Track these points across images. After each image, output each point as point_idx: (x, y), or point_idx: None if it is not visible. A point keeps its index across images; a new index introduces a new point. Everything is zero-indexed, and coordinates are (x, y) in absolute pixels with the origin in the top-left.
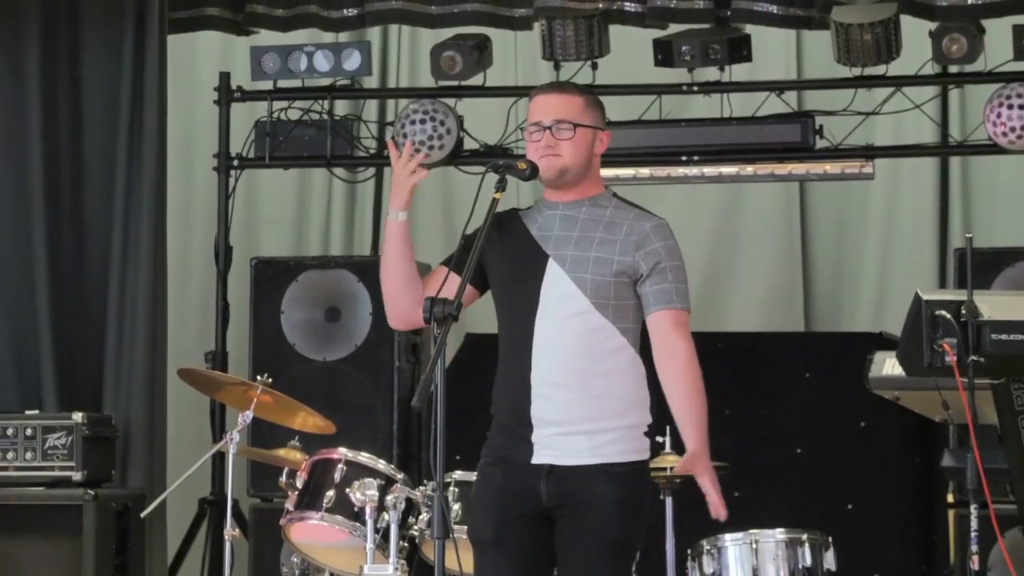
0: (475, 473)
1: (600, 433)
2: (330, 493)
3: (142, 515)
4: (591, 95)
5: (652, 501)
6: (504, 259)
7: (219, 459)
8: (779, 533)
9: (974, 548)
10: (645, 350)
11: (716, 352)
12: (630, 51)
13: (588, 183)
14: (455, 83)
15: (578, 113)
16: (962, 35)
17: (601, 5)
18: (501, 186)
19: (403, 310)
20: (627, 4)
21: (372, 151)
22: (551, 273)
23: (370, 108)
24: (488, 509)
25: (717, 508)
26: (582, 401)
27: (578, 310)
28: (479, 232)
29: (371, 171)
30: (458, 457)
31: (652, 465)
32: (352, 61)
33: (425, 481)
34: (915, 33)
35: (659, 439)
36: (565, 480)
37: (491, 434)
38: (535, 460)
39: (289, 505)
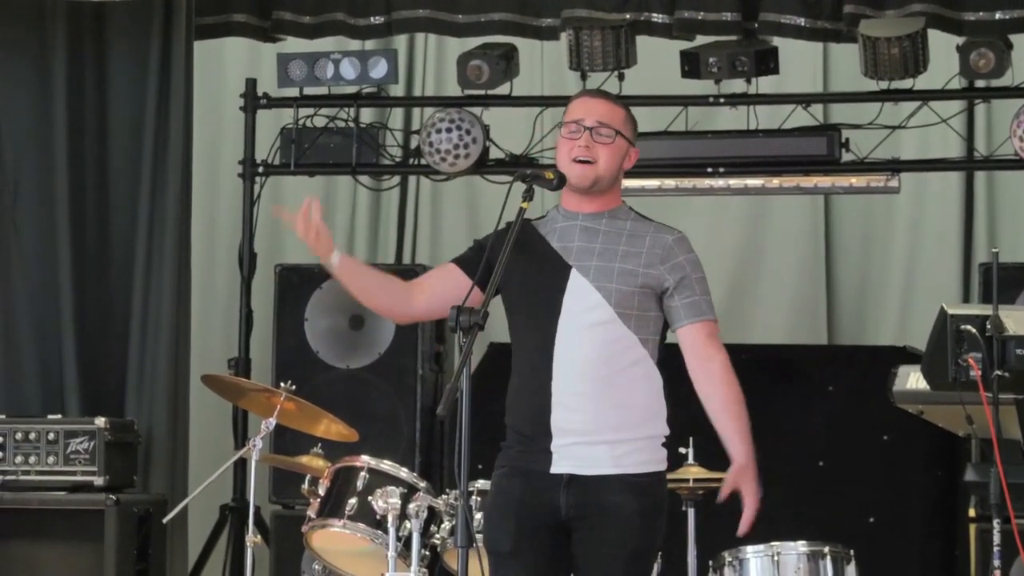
0: None
1: (620, 443)
2: (352, 501)
3: (164, 521)
4: (630, 112)
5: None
6: (520, 269)
7: (241, 465)
8: (801, 546)
9: (996, 563)
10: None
11: (740, 364)
12: (657, 62)
13: (610, 195)
14: (481, 92)
15: (620, 123)
16: (989, 50)
17: (628, 16)
18: (528, 196)
19: (396, 311)
20: (655, 15)
21: (397, 159)
22: (574, 283)
23: (396, 116)
24: (506, 520)
25: (745, 525)
26: (603, 410)
27: (602, 319)
28: (507, 239)
29: (396, 179)
30: (481, 466)
31: (676, 476)
32: (379, 69)
33: (447, 489)
34: (942, 47)
35: (682, 450)
36: (585, 490)
37: (506, 444)
38: (554, 469)
39: (311, 512)
